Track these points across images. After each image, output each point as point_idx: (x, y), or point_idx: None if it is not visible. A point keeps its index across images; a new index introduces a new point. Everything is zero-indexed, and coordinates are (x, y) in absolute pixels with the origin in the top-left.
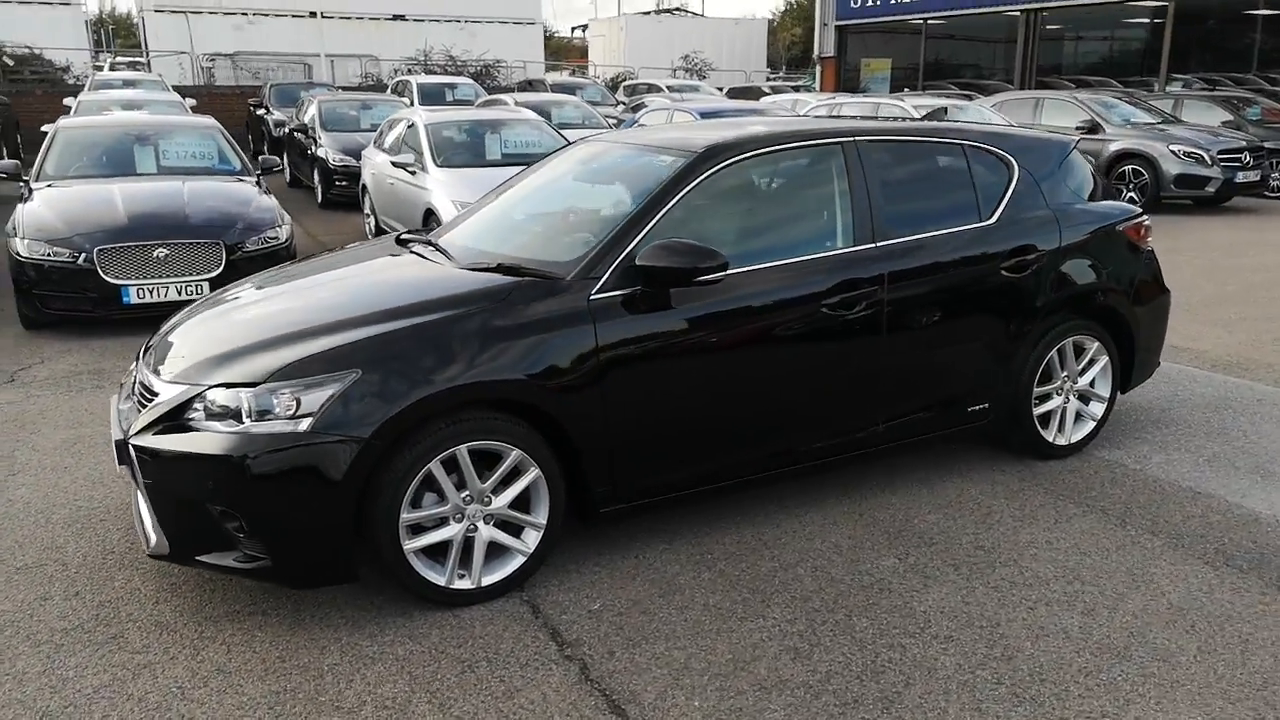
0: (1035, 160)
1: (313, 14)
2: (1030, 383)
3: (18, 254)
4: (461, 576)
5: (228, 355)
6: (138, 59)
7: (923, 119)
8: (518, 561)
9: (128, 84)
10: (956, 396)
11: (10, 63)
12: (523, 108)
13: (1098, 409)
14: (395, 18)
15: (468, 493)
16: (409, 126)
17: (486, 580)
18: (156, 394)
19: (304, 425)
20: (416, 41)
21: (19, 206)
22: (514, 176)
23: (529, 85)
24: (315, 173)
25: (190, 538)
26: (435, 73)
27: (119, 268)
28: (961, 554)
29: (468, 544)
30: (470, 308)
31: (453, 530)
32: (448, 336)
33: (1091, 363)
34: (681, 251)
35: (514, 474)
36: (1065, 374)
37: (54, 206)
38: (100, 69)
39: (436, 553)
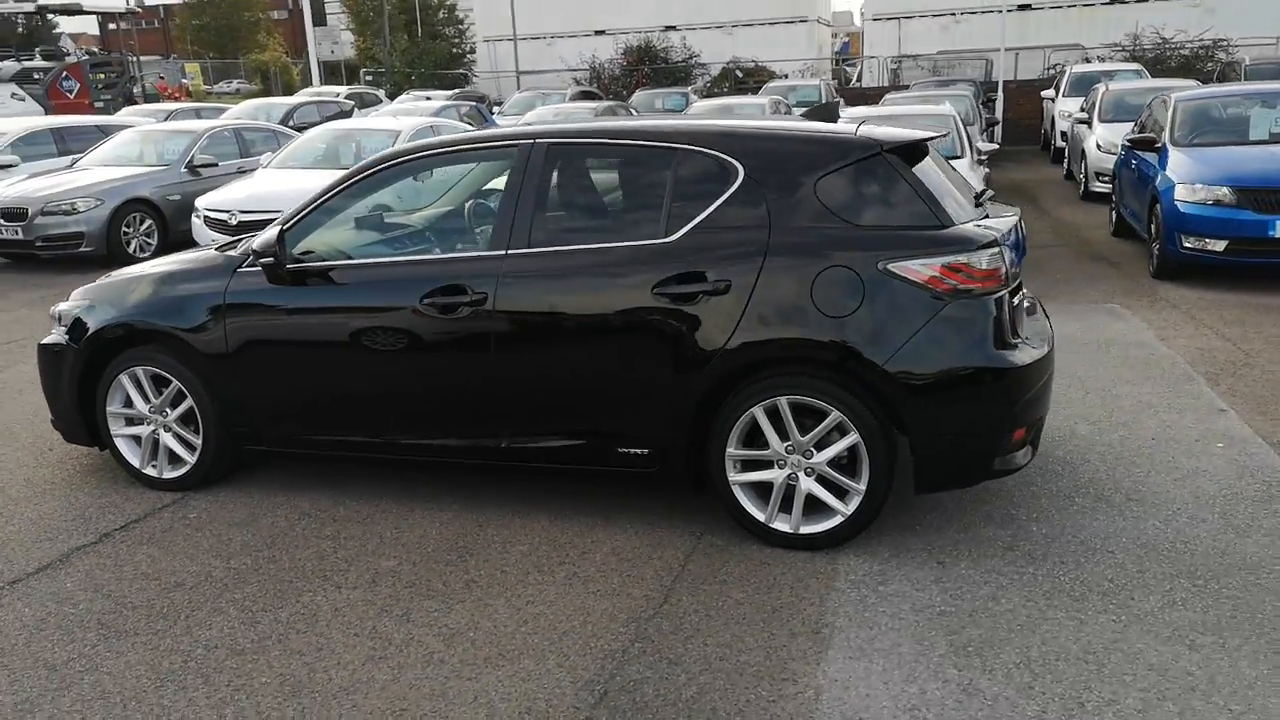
0: (774, 168)
1: (1023, 7)
2: (723, 441)
3: None
4: (153, 468)
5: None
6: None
7: (803, 115)
8: (184, 469)
9: (790, 89)
10: (599, 432)
11: (740, 75)
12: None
13: (853, 501)
14: (1111, 1)
15: (150, 406)
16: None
17: (168, 475)
18: None
19: (61, 334)
20: (1128, 25)
21: None
22: None
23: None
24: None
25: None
26: (1142, 59)
27: None
28: (483, 581)
29: (160, 445)
30: (164, 270)
31: (143, 430)
32: (135, 289)
33: (839, 434)
34: (262, 242)
35: (182, 398)
36: (788, 444)
37: None
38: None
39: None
